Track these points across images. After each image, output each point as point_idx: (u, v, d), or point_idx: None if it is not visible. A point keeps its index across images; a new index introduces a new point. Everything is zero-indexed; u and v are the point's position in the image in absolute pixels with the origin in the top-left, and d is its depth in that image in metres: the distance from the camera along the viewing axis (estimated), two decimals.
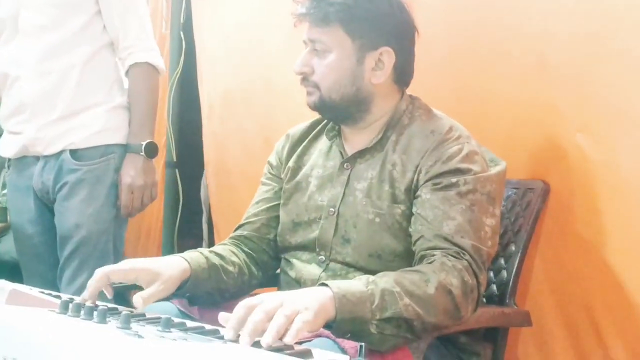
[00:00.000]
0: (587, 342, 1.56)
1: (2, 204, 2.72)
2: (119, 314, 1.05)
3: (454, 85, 1.85)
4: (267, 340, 0.96)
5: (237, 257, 1.51)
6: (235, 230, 1.58)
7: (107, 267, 1.30)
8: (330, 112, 1.46)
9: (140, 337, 0.92)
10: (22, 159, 2.09)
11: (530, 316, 1.57)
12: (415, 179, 1.37)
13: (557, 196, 1.61)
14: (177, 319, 1.08)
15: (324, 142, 1.53)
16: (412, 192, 1.37)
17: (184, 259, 1.39)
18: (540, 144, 1.66)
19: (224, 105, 2.82)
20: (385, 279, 1.17)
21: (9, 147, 2.10)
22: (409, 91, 1.49)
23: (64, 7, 2.00)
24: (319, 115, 1.52)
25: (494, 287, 1.60)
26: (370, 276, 1.18)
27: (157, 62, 2.09)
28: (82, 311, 1.05)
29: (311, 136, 1.57)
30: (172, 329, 1.00)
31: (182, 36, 3.10)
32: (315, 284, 1.23)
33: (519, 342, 1.70)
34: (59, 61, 2.01)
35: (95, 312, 1.03)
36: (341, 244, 1.42)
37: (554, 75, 1.61)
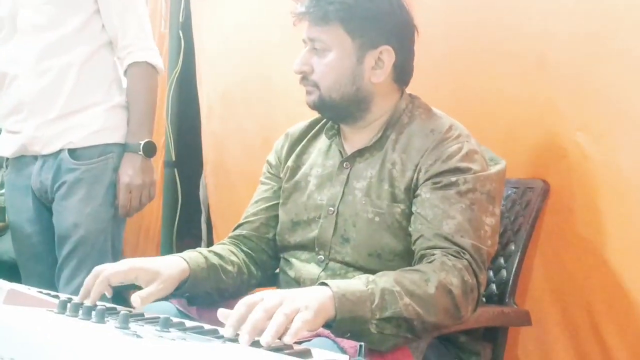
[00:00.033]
0: (587, 342, 1.56)
1: (0, 203, 2.72)
2: (117, 314, 1.04)
3: (454, 84, 1.85)
4: (266, 339, 0.96)
5: (236, 256, 1.51)
6: (234, 229, 1.58)
7: (106, 269, 1.28)
8: (329, 111, 1.46)
9: (138, 337, 0.92)
10: (21, 158, 2.09)
11: (530, 316, 1.56)
12: (414, 178, 1.37)
13: (557, 195, 1.61)
14: (175, 319, 1.07)
15: (323, 141, 1.53)
16: (411, 191, 1.37)
17: (183, 259, 1.39)
18: (540, 143, 1.65)
19: (223, 104, 2.81)
20: (385, 279, 1.17)
21: (7, 147, 2.10)
22: (409, 90, 1.49)
23: (63, 6, 2.00)
24: (318, 114, 1.51)
25: (494, 286, 1.60)
26: (370, 275, 1.18)
27: (156, 61, 2.09)
28: (81, 311, 1.05)
29: (310, 135, 1.56)
30: (171, 329, 1.00)
31: (181, 35, 3.10)
32: (314, 284, 1.22)
33: (518, 342, 1.70)
34: (58, 60, 2.00)
35: (93, 312, 1.03)
36: (340, 244, 1.42)
37: (553, 74, 1.61)
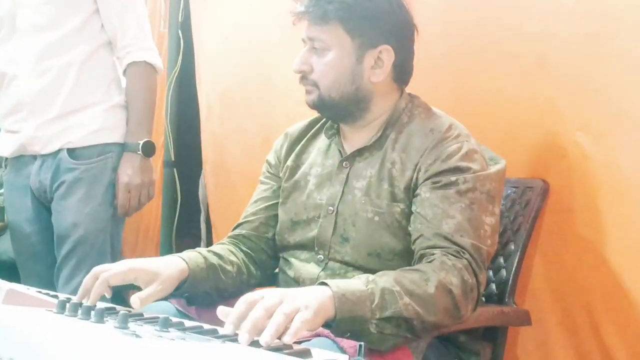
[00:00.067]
0: (586, 341, 1.56)
1: None
2: (116, 314, 1.04)
3: (454, 84, 1.85)
4: (265, 339, 0.96)
5: (236, 256, 1.50)
6: (233, 229, 1.58)
7: (105, 270, 1.28)
8: (329, 110, 1.45)
9: (138, 336, 0.92)
10: (20, 158, 2.09)
11: (529, 315, 1.56)
12: (414, 177, 1.36)
13: (557, 195, 1.61)
14: (175, 319, 1.07)
15: (322, 141, 1.53)
16: (411, 190, 1.37)
17: (182, 259, 1.39)
18: (539, 142, 1.65)
19: (222, 104, 2.81)
20: (385, 278, 1.17)
21: (6, 146, 2.09)
22: (408, 90, 1.49)
23: (62, 6, 1.99)
24: (317, 113, 1.51)
25: (493, 286, 1.60)
26: (370, 275, 1.17)
27: (155, 61, 2.09)
28: (80, 311, 1.04)
29: (310, 135, 1.56)
30: (170, 329, 1.00)
31: (181, 35, 3.10)
32: (314, 283, 1.22)
33: (518, 341, 1.70)
34: (57, 60, 2.00)
35: (92, 312, 1.03)
36: (340, 243, 1.42)
37: (553, 74, 1.61)
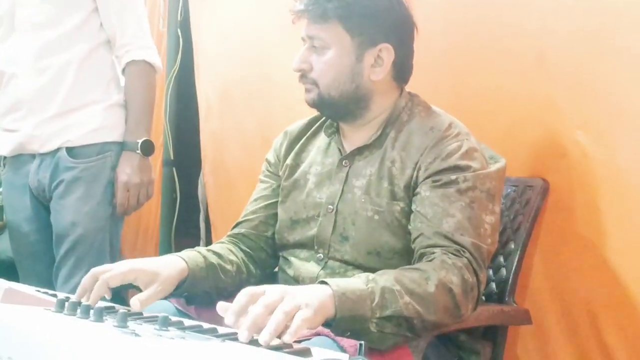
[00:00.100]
0: (586, 340, 1.56)
1: None
2: (115, 313, 1.04)
3: (453, 82, 1.84)
4: (265, 337, 0.96)
5: (235, 255, 1.50)
6: (233, 228, 1.58)
7: (105, 272, 1.27)
8: (329, 109, 1.45)
9: (137, 335, 0.91)
10: (18, 156, 2.08)
11: (529, 314, 1.56)
12: (414, 175, 1.36)
13: (557, 194, 1.61)
14: (174, 318, 1.07)
15: (322, 139, 1.53)
16: (411, 189, 1.36)
17: (182, 259, 1.38)
18: (539, 141, 1.65)
19: (222, 103, 2.81)
20: (385, 277, 1.16)
21: (4, 145, 2.09)
22: (407, 88, 1.49)
23: (61, 5, 1.99)
24: (317, 112, 1.51)
25: (493, 285, 1.59)
26: (370, 274, 1.17)
27: (154, 60, 2.08)
28: (79, 310, 1.04)
29: (309, 133, 1.56)
30: (170, 328, 0.99)
31: (180, 34, 3.09)
32: (313, 282, 1.22)
33: (518, 340, 1.70)
34: (56, 59, 2.00)
35: (91, 311, 1.02)
36: (339, 242, 1.41)
37: (553, 72, 1.61)
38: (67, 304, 1.06)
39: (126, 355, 0.83)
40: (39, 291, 1.28)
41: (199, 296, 1.40)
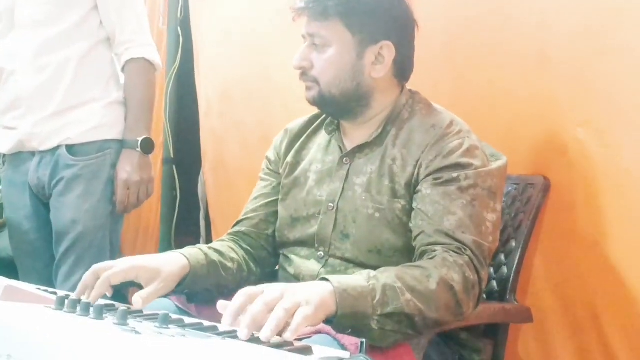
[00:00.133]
0: (588, 338, 1.56)
1: None
2: (115, 310, 1.03)
3: (454, 79, 1.84)
4: (265, 334, 0.95)
5: (236, 253, 1.50)
6: (233, 226, 1.57)
7: (106, 269, 1.26)
8: (329, 107, 1.45)
9: (137, 333, 0.91)
10: (18, 154, 2.08)
11: (531, 312, 1.56)
12: (415, 173, 1.36)
13: (558, 192, 1.60)
14: (175, 316, 1.07)
15: (322, 137, 1.52)
16: (412, 187, 1.36)
17: (183, 256, 1.38)
18: (540, 139, 1.65)
19: (222, 100, 2.80)
20: (386, 274, 1.16)
21: (4, 143, 2.08)
22: (408, 85, 1.48)
23: (60, 2, 1.99)
24: (317, 110, 1.50)
25: (495, 283, 1.59)
26: (371, 271, 1.17)
27: (154, 57, 2.08)
28: (79, 307, 1.03)
29: (310, 131, 1.55)
30: (170, 325, 0.99)
31: (180, 31, 3.09)
32: (314, 280, 1.21)
33: (519, 339, 1.70)
34: (55, 56, 2.00)
35: (91, 309, 1.02)
36: (340, 240, 1.41)
37: (554, 69, 1.61)
38: (67, 301, 1.06)
39: (126, 352, 0.82)
40: (39, 289, 1.28)
41: (200, 294, 1.40)
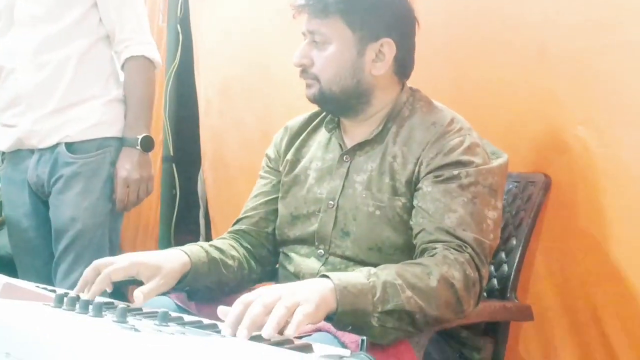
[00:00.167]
0: (589, 336, 1.55)
1: None
2: (114, 308, 1.03)
3: (454, 76, 1.83)
4: (267, 331, 0.95)
5: (237, 251, 1.49)
6: (233, 224, 1.57)
7: (107, 265, 1.26)
8: (330, 104, 1.44)
9: (136, 330, 0.90)
10: (17, 152, 2.08)
11: (531, 310, 1.55)
12: (416, 171, 1.35)
13: (559, 189, 1.60)
14: (174, 313, 1.06)
15: (322, 135, 1.52)
16: (412, 184, 1.35)
17: (184, 253, 1.38)
18: (541, 136, 1.64)
19: (221, 98, 2.80)
20: (387, 272, 1.16)
21: (3, 140, 2.08)
22: (409, 82, 1.48)
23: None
24: (317, 107, 1.50)
25: (495, 281, 1.59)
26: (371, 268, 1.16)
27: (154, 55, 2.08)
28: (77, 305, 1.03)
29: (310, 128, 1.55)
30: (170, 323, 0.99)
31: (180, 29, 3.09)
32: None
33: (520, 336, 1.69)
34: (55, 53, 1.99)
35: (90, 306, 1.01)
36: (340, 237, 1.41)
37: (555, 66, 1.60)
38: (65, 299, 1.06)
39: (126, 350, 0.82)
40: (37, 287, 1.28)
41: (201, 291, 1.40)
